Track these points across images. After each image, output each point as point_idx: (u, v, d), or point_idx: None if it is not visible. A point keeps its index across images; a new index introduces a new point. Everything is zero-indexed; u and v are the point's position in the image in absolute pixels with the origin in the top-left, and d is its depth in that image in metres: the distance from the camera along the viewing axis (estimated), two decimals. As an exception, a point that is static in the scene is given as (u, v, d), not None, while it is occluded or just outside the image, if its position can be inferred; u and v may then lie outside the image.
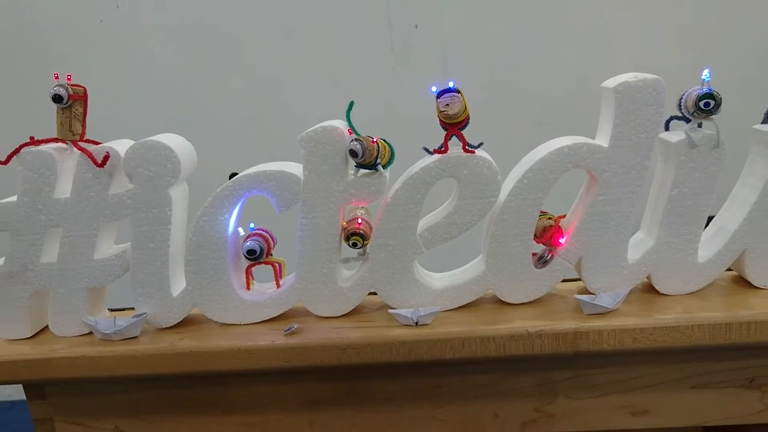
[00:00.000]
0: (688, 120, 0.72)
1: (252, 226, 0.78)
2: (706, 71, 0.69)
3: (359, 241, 0.74)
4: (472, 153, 0.72)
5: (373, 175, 0.73)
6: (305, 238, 0.75)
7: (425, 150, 0.74)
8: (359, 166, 0.73)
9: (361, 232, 0.74)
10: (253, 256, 0.76)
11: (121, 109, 1.69)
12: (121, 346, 0.75)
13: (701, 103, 0.69)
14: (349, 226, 0.75)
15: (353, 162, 0.73)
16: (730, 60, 1.62)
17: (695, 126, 0.71)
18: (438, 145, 0.73)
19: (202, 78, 1.74)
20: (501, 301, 0.77)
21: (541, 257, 0.76)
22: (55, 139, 0.76)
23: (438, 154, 0.72)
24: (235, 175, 0.75)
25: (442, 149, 0.72)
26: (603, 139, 0.73)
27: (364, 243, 0.75)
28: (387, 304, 0.77)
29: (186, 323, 0.80)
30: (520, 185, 0.72)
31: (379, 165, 0.73)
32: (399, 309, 0.75)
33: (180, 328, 0.79)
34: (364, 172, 0.74)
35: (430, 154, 0.73)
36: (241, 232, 0.78)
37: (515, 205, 0.73)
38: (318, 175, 0.73)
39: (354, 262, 0.77)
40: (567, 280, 0.78)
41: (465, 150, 0.72)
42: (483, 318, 0.74)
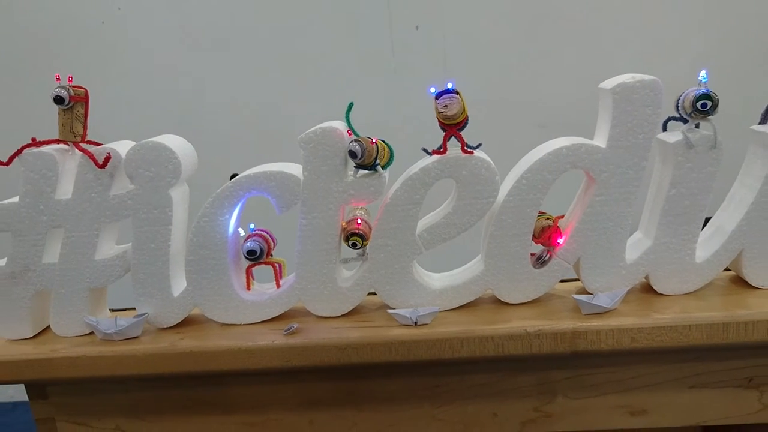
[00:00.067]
0: (686, 121, 0.72)
1: (252, 226, 0.78)
2: (703, 72, 0.69)
3: (359, 242, 0.75)
4: (471, 154, 0.72)
5: (373, 176, 0.74)
6: (305, 239, 0.76)
7: (424, 151, 0.74)
8: (358, 166, 0.73)
9: (361, 232, 0.74)
10: (253, 257, 0.76)
11: (122, 110, 1.69)
12: (122, 346, 0.76)
13: (698, 104, 0.69)
14: (348, 226, 0.75)
15: (352, 163, 0.73)
16: (728, 61, 1.62)
17: (693, 127, 0.72)
18: (437, 146, 0.73)
19: (203, 79, 1.74)
20: (500, 301, 0.77)
21: (539, 257, 0.76)
22: (57, 141, 0.76)
23: (437, 155, 0.73)
24: (235, 176, 0.76)
25: (441, 150, 0.73)
26: (601, 139, 0.73)
27: (364, 243, 0.75)
28: (386, 304, 0.77)
29: (186, 323, 0.80)
30: (519, 186, 0.73)
31: (378, 166, 0.73)
32: (398, 309, 0.76)
33: (181, 328, 0.79)
34: (363, 172, 0.74)
35: (429, 155, 0.74)
36: (241, 232, 0.78)
37: (514, 206, 0.73)
38: (317, 175, 0.73)
39: (353, 262, 0.77)
40: (565, 281, 0.79)
41: (463, 151, 0.72)
42: (482, 318, 0.75)
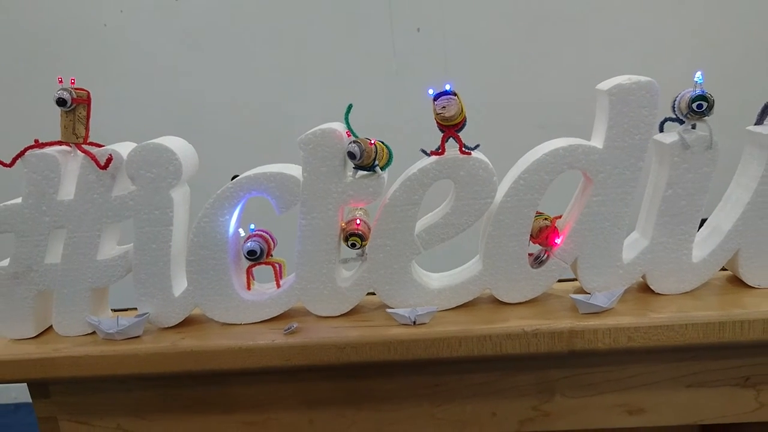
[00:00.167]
0: (682, 121, 0.72)
1: (252, 227, 0.79)
2: (699, 73, 0.70)
3: (358, 242, 0.75)
4: (469, 155, 0.73)
5: (371, 177, 0.74)
6: (305, 239, 0.76)
7: (422, 152, 0.75)
8: (357, 167, 0.74)
9: (360, 232, 0.75)
10: (253, 257, 0.77)
11: (124, 112, 1.70)
12: (123, 346, 0.76)
13: (694, 105, 0.70)
14: (347, 226, 0.76)
15: (351, 164, 0.73)
16: (725, 62, 1.62)
17: (689, 127, 0.72)
18: (436, 147, 0.73)
19: (204, 81, 1.75)
20: (498, 300, 0.78)
21: (537, 257, 0.76)
22: (59, 142, 0.77)
23: (435, 156, 0.73)
24: (236, 177, 0.76)
25: (439, 151, 0.73)
26: (598, 140, 0.73)
27: (363, 243, 0.76)
28: (385, 303, 0.78)
29: (187, 323, 0.81)
30: (516, 186, 0.73)
31: (377, 167, 0.73)
32: (397, 308, 0.76)
33: (181, 328, 0.80)
34: (362, 173, 0.74)
35: (428, 156, 0.74)
36: (241, 233, 0.79)
37: (511, 206, 0.74)
38: (317, 176, 0.74)
39: (353, 262, 0.78)
40: (563, 280, 0.79)
41: (461, 152, 0.73)
42: (480, 317, 0.75)
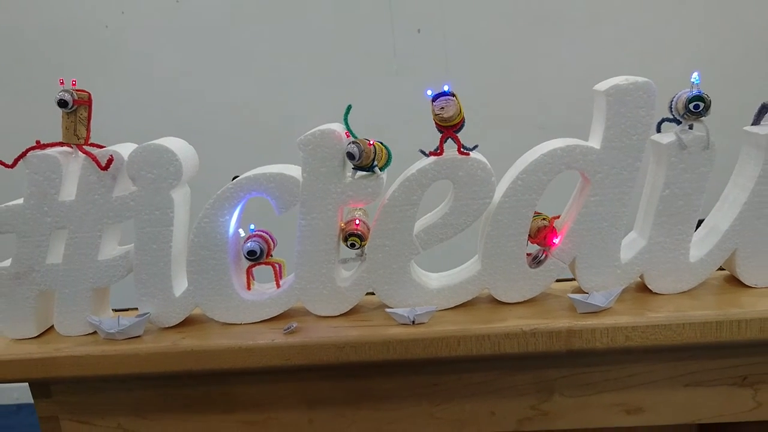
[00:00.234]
0: (679, 122, 0.73)
1: (252, 227, 0.79)
2: (696, 74, 0.70)
3: (357, 242, 0.76)
4: (467, 155, 0.73)
5: (370, 177, 0.75)
6: (304, 239, 0.77)
7: (421, 152, 0.75)
8: (356, 168, 0.74)
9: (359, 233, 0.75)
10: (253, 257, 0.77)
11: (125, 113, 1.71)
12: (124, 345, 0.77)
13: (691, 105, 0.70)
14: (347, 227, 0.76)
15: (351, 164, 0.74)
16: (722, 63, 1.62)
17: (686, 128, 0.72)
18: (434, 147, 0.74)
19: (205, 82, 1.75)
20: (496, 300, 0.78)
21: (535, 257, 0.77)
22: (61, 143, 0.77)
23: (434, 157, 0.74)
24: (236, 178, 0.77)
25: (438, 151, 0.74)
26: (595, 141, 0.74)
27: (362, 244, 0.76)
28: (384, 303, 0.78)
29: (188, 323, 0.81)
30: (514, 186, 0.74)
31: (376, 167, 0.74)
32: (396, 308, 0.77)
33: (182, 328, 0.80)
34: (361, 174, 0.75)
35: (426, 157, 0.75)
36: (241, 233, 0.79)
37: (510, 206, 0.74)
38: (316, 177, 0.75)
39: (352, 262, 0.78)
40: (561, 280, 0.79)
41: (460, 152, 0.73)
42: (478, 317, 0.75)
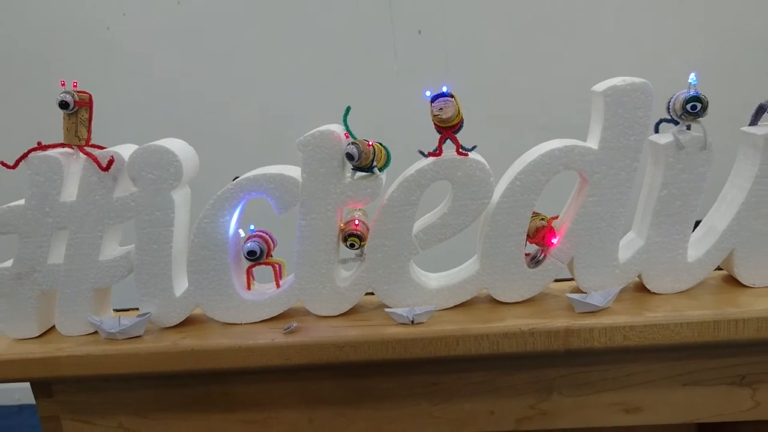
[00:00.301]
0: (677, 122, 0.73)
1: (252, 227, 0.79)
2: (693, 75, 0.70)
3: (356, 242, 0.76)
4: (466, 156, 0.74)
5: (369, 178, 0.75)
6: (304, 239, 0.77)
7: (420, 153, 0.76)
8: (356, 168, 0.74)
9: (358, 233, 0.76)
10: (253, 257, 0.77)
11: (126, 114, 1.71)
12: (125, 345, 0.77)
13: (688, 106, 0.70)
14: (346, 227, 0.76)
15: (350, 165, 0.74)
16: (721, 63, 1.63)
17: (683, 128, 0.73)
18: (433, 148, 0.74)
19: (205, 83, 1.76)
20: (495, 300, 0.79)
21: (534, 257, 0.77)
22: (62, 144, 0.78)
23: (432, 157, 0.74)
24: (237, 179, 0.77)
25: (437, 152, 0.74)
26: (593, 141, 0.74)
27: (362, 244, 0.76)
28: (384, 303, 0.79)
29: (188, 322, 0.81)
30: (513, 187, 0.74)
31: (375, 168, 0.74)
32: (395, 308, 0.77)
33: (182, 328, 0.81)
34: (360, 174, 0.75)
35: (425, 157, 0.75)
36: (241, 233, 0.80)
37: (508, 206, 0.74)
38: (316, 177, 0.75)
39: (352, 262, 0.79)
40: (560, 280, 0.80)
41: (458, 153, 0.73)
42: (477, 316, 0.76)
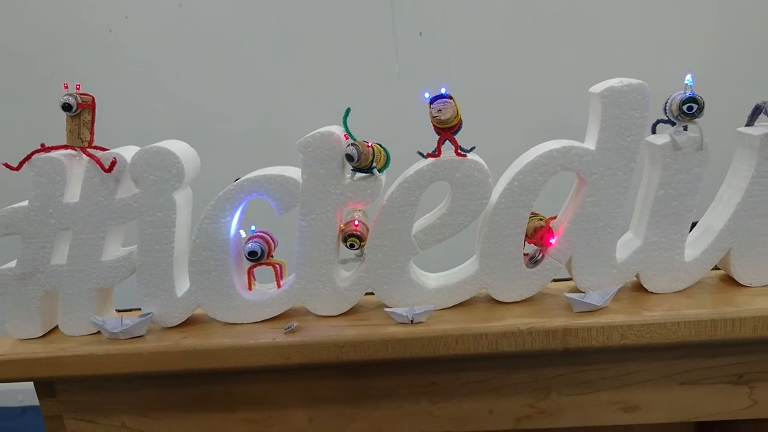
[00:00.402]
0: (674, 123, 0.74)
1: (253, 228, 0.80)
2: (689, 76, 0.71)
3: (356, 243, 0.77)
4: (464, 157, 0.74)
5: (369, 179, 0.76)
6: (304, 240, 0.78)
7: (419, 154, 0.76)
8: (355, 169, 0.75)
9: (358, 233, 0.76)
10: (254, 258, 0.78)
11: (128, 116, 1.72)
12: (127, 345, 0.78)
13: (685, 107, 0.71)
14: (346, 227, 0.77)
15: (350, 166, 0.75)
16: (717, 64, 1.63)
17: (680, 129, 0.73)
18: (432, 149, 0.75)
19: (207, 85, 1.77)
20: (494, 299, 0.79)
21: (532, 257, 0.78)
22: (65, 146, 0.79)
23: (431, 158, 0.75)
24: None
25: (436, 153, 0.75)
26: (591, 142, 0.75)
27: (361, 244, 0.77)
28: (383, 303, 0.79)
29: (190, 322, 0.82)
30: (511, 187, 0.75)
31: (375, 169, 0.75)
32: (395, 308, 0.78)
33: (184, 327, 0.81)
34: (360, 175, 0.76)
35: (424, 158, 0.76)
36: (242, 234, 0.80)
37: (506, 207, 0.75)
38: (316, 178, 0.76)
39: (351, 262, 0.79)
40: (558, 280, 0.80)
41: (457, 154, 0.74)
42: (476, 316, 0.76)
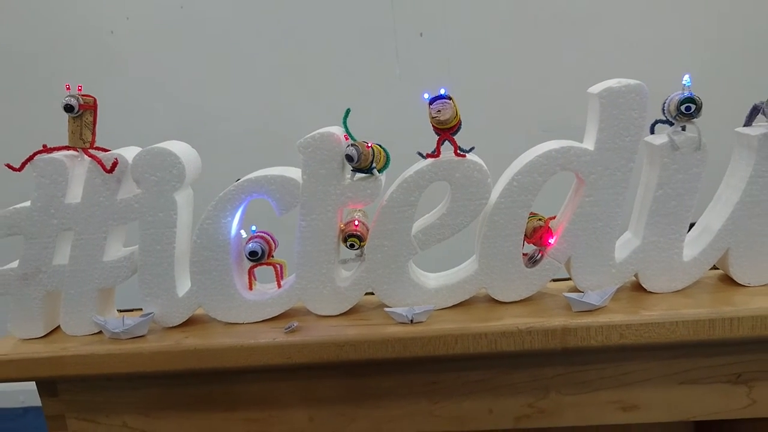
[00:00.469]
0: (672, 123, 0.74)
1: (254, 228, 0.81)
2: (687, 76, 0.71)
3: (356, 243, 0.77)
4: (464, 157, 0.75)
5: (369, 179, 0.76)
6: (304, 240, 0.78)
7: (418, 154, 0.77)
8: (355, 170, 0.75)
9: (358, 233, 0.77)
10: (255, 258, 0.78)
11: (129, 117, 1.73)
12: (129, 345, 0.78)
13: (683, 107, 0.71)
14: (346, 228, 0.77)
15: (349, 166, 0.75)
16: (714, 64, 1.63)
17: (678, 129, 0.74)
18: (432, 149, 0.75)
19: (208, 87, 1.77)
20: (493, 299, 0.79)
21: (531, 257, 0.78)
22: (67, 147, 0.79)
23: (431, 159, 0.75)
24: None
25: (435, 154, 0.75)
26: (589, 142, 0.75)
27: (361, 244, 0.77)
28: (383, 302, 0.79)
29: (191, 322, 0.83)
30: (510, 187, 0.75)
31: (375, 169, 0.75)
32: (395, 307, 0.78)
33: (185, 327, 0.82)
34: (360, 176, 0.76)
35: (424, 159, 0.76)
36: (243, 234, 0.81)
37: (505, 207, 0.75)
38: (316, 179, 0.76)
39: (352, 262, 0.80)
40: (557, 279, 0.81)
41: (456, 154, 0.74)
42: (476, 316, 0.77)
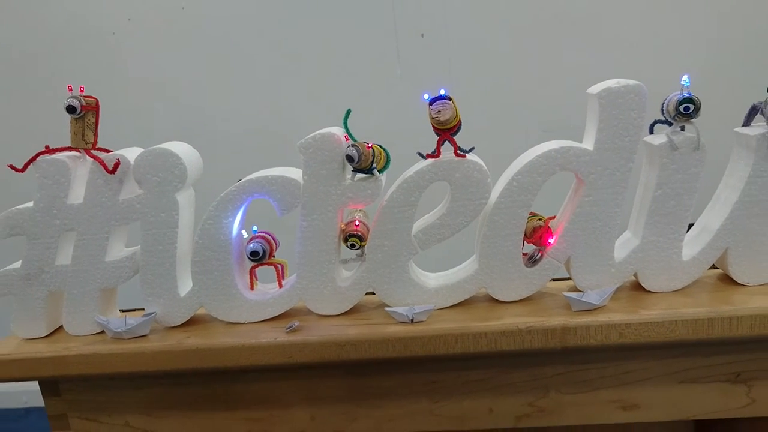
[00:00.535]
0: (671, 123, 0.74)
1: (255, 228, 0.81)
2: (686, 77, 0.72)
3: (357, 243, 0.77)
4: (464, 157, 0.75)
5: (369, 179, 0.76)
6: (305, 240, 0.79)
7: (419, 155, 0.77)
8: (356, 170, 0.76)
9: (359, 233, 0.77)
10: (256, 258, 0.79)
11: (131, 118, 1.73)
12: (131, 344, 0.79)
13: (681, 107, 0.72)
14: (347, 228, 0.78)
15: (350, 167, 0.75)
16: (713, 64, 1.63)
17: (677, 129, 0.74)
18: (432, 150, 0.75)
19: (209, 87, 1.78)
20: (493, 299, 0.80)
21: (531, 257, 0.78)
22: (69, 148, 0.80)
23: (431, 159, 0.75)
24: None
25: (435, 154, 0.75)
26: (589, 142, 0.75)
27: (362, 244, 0.78)
28: (384, 302, 0.80)
29: (193, 322, 0.83)
30: (510, 187, 0.75)
31: (375, 169, 0.76)
32: (395, 307, 0.78)
33: (187, 327, 0.82)
34: (360, 176, 0.77)
35: (424, 159, 0.76)
36: (244, 234, 0.81)
37: (505, 207, 0.76)
38: (317, 179, 0.76)
39: (352, 262, 0.80)
40: (557, 279, 0.81)
41: (456, 154, 0.75)
42: (476, 315, 0.77)
